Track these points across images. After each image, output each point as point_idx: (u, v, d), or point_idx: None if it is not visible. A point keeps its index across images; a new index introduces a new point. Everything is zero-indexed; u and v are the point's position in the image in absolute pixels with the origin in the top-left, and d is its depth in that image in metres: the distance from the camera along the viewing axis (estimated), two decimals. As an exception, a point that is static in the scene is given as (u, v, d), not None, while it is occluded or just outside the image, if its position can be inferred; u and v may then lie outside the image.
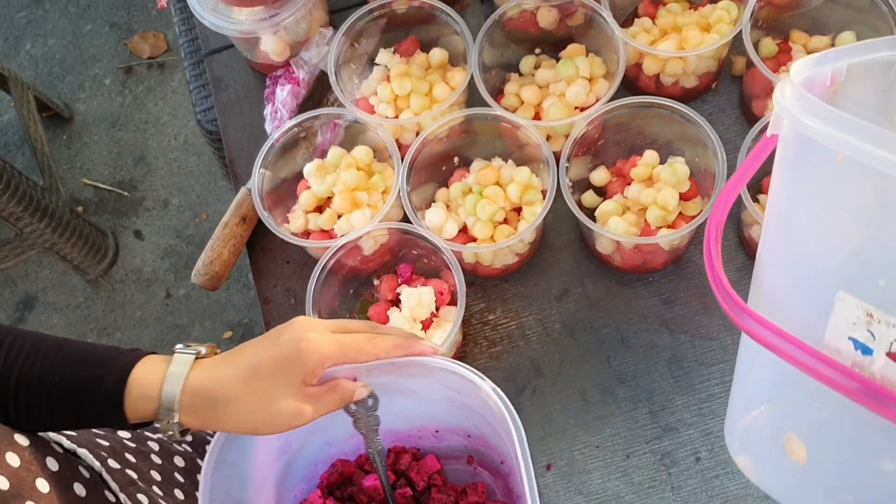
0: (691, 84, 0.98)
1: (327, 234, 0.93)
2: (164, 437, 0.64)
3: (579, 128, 0.89)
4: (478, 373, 0.66)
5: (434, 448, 0.84)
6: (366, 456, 0.83)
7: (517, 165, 0.93)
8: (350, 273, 0.93)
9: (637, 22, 0.99)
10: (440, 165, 0.96)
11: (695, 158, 0.90)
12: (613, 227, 0.87)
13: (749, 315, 0.47)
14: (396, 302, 0.91)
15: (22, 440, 0.63)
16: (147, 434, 0.81)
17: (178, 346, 0.65)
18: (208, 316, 1.89)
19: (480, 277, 0.96)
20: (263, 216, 0.91)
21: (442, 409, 0.77)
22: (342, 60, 0.99)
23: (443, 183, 0.97)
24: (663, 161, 0.91)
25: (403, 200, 0.89)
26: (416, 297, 0.87)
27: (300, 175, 0.97)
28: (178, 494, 0.77)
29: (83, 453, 0.69)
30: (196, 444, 0.86)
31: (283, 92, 1.04)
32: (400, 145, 0.97)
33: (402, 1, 0.99)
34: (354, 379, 0.68)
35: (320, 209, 0.95)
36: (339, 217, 0.93)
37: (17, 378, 0.61)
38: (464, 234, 0.92)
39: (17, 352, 0.62)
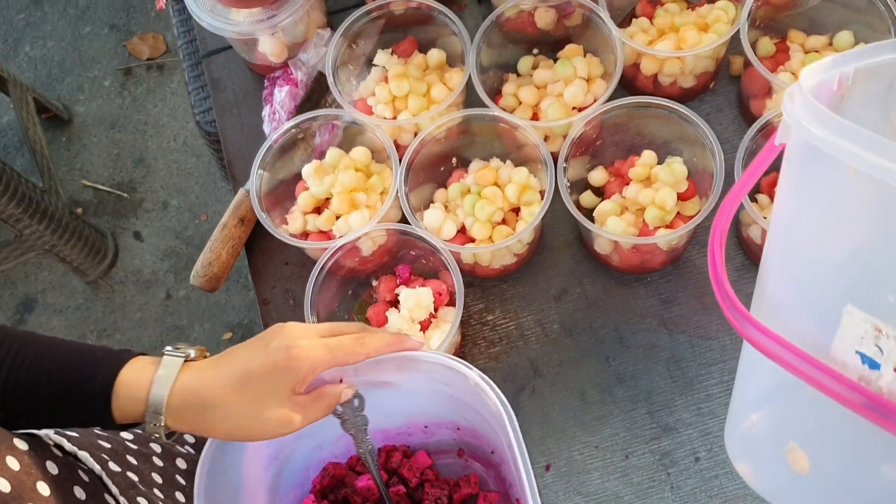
0: (689, 84, 0.98)
1: (326, 236, 0.93)
2: (152, 439, 0.63)
3: (577, 128, 0.89)
4: (464, 363, 0.66)
5: (424, 443, 0.84)
6: (357, 457, 0.83)
7: (515, 166, 0.93)
8: (349, 274, 0.93)
9: (635, 22, 0.99)
10: (438, 166, 0.96)
11: (693, 158, 0.90)
12: (612, 228, 0.87)
13: (756, 328, 0.46)
14: (395, 303, 0.91)
15: (21, 444, 0.63)
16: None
17: (167, 348, 0.65)
18: (208, 317, 1.89)
19: (479, 278, 0.96)
20: (262, 217, 0.91)
21: (430, 404, 0.77)
22: (340, 61, 0.99)
23: (441, 184, 0.97)
24: (661, 161, 0.91)
25: (402, 201, 0.89)
26: (415, 298, 0.87)
27: (298, 176, 0.97)
28: (179, 497, 0.76)
29: (84, 456, 0.69)
30: (198, 446, 0.86)
31: (282, 93, 1.04)
32: (398, 146, 0.97)
33: (400, 2, 0.99)
34: (340, 380, 0.68)
35: (319, 210, 0.95)
36: (338, 218, 0.93)
37: (7, 377, 0.61)
38: (462, 235, 0.92)
39: (7, 351, 0.62)
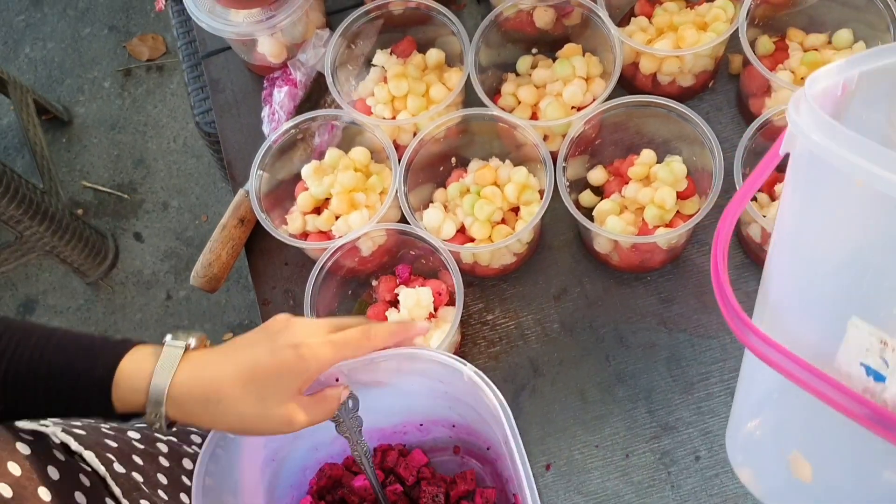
0: (688, 83, 0.98)
1: (325, 236, 0.93)
2: (151, 430, 0.63)
3: (576, 127, 0.89)
4: (459, 359, 0.66)
5: (420, 442, 0.84)
6: (353, 457, 0.83)
7: (514, 165, 0.93)
8: (348, 274, 0.93)
9: (633, 21, 0.99)
10: (437, 166, 0.96)
11: (692, 157, 0.90)
12: (611, 227, 0.87)
13: (762, 339, 0.45)
14: (395, 303, 0.91)
15: (24, 449, 0.62)
16: (157, 435, 0.81)
17: (168, 338, 0.64)
18: (208, 318, 1.89)
19: (479, 277, 0.96)
20: (261, 218, 0.91)
21: (425, 402, 0.77)
22: (339, 62, 0.99)
23: (440, 183, 0.97)
24: (660, 160, 0.91)
25: (401, 201, 0.89)
26: (415, 298, 0.88)
27: (298, 176, 0.97)
28: (184, 498, 0.76)
29: (89, 456, 0.68)
30: None
31: (281, 94, 1.04)
32: (397, 146, 0.97)
33: (399, 2, 0.99)
34: (336, 380, 0.68)
35: (318, 210, 0.95)
36: (337, 218, 0.93)
37: (7, 368, 0.60)
38: (462, 235, 0.92)
39: (7, 342, 0.61)
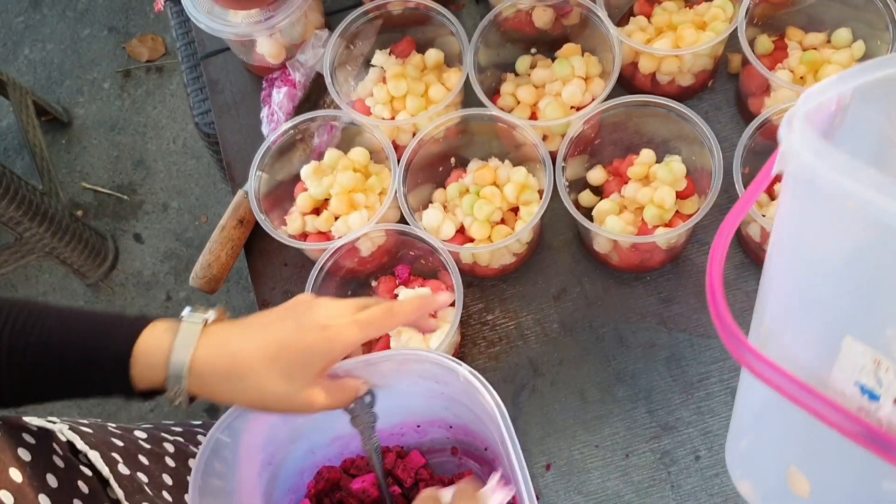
0: (687, 82, 0.98)
1: (325, 236, 0.93)
2: (172, 406, 0.62)
3: (575, 127, 0.89)
4: (454, 359, 0.66)
5: (417, 443, 0.84)
6: (350, 460, 0.83)
7: (514, 165, 0.93)
8: (348, 275, 0.93)
9: (632, 21, 0.99)
10: (437, 166, 0.96)
11: (691, 157, 0.90)
12: (610, 227, 0.87)
13: (758, 358, 0.45)
14: (394, 303, 0.91)
15: (25, 455, 0.62)
16: (164, 435, 0.81)
17: (186, 311, 0.63)
18: (209, 319, 1.89)
19: (478, 278, 0.96)
20: (260, 219, 0.91)
21: (422, 403, 0.77)
22: (338, 62, 0.99)
23: (440, 184, 0.97)
24: (660, 160, 0.91)
25: (400, 201, 0.89)
26: (414, 299, 0.87)
27: (297, 177, 0.97)
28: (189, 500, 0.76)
29: (94, 456, 0.68)
30: None
31: (280, 94, 1.04)
32: (396, 146, 0.97)
33: (398, 2, 0.99)
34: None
35: (317, 211, 0.95)
36: (337, 219, 0.93)
37: (24, 348, 0.59)
38: (461, 235, 0.92)
39: (24, 322, 0.60)
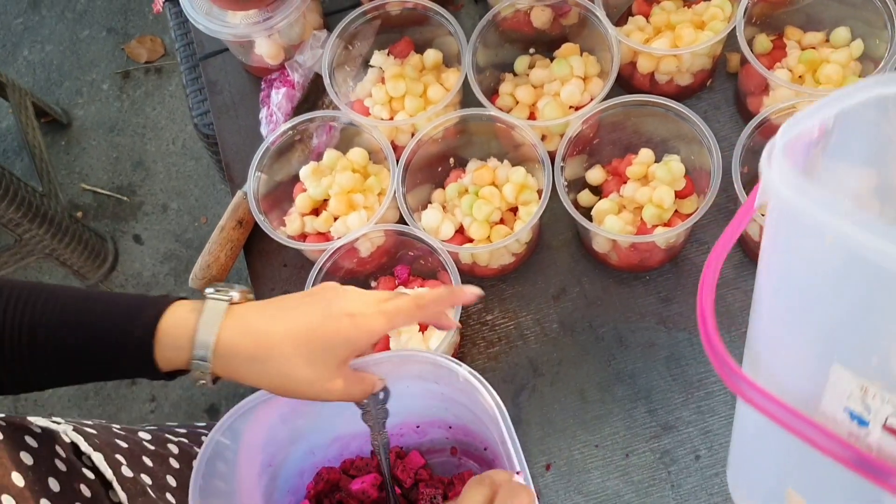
0: (686, 82, 0.98)
1: (324, 237, 0.93)
2: (196, 385, 0.62)
3: (574, 127, 0.89)
4: (453, 359, 0.66)
5: (417, 444, 0.84)
6: (350, 461, 0.83)
7: (513, 165, 0.93)
8: (347, 275, 0.93)
9: (631, 20, 0.99)
10: (436, 166, 0.96)
11: (690, 156, 0.90)
12: (609, 226, 0.87)
13: (751, 387, 0.45)
14: (394, 304, 0.91)
15: (27, 459, 0.62)
16: (168, 436, 0.81)
17: (209, 290, 0.62)
18: (208, 319, 1.89)
19: (477, 278, 0.96)
20: (259, 219, 0.91)
21: (421, 403, 0.77)
22: (336, 63, 0.99)
23: (438, 184, 0.97)
24: (658, 159, 0.91)
25: (399, 202, 0.89)
26: (413, 299, 0.87)
27: (296, 178, 0.97)
28: None
29: (97, 458, 0.67)
30: None
31: (278, 95, 1.04)
32: (395, 147, 0.97)
33: (396, 3, 0.99)
34: None
35: (316, 212, 0.95)
36: (336, 219, 0.93)
37: (45, 330, 0.59)
38: (460, 235, 0.92)
39: (44, 303, 0.59)
